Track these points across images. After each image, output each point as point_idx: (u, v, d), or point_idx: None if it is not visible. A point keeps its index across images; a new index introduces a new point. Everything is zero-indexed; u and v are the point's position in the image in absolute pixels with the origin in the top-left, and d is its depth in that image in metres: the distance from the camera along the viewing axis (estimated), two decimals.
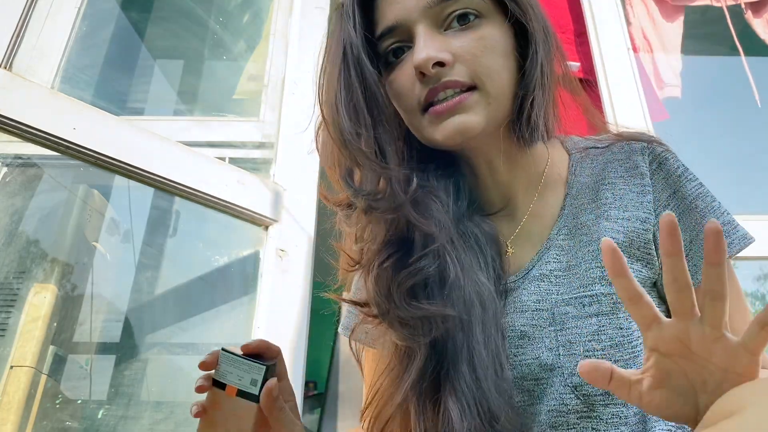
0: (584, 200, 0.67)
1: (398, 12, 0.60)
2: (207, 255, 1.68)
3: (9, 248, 1.38)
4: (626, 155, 0.68)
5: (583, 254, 0.63)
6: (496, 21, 0.61)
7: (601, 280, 0.61)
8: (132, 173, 1.25)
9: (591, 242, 0.63)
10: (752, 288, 2.07)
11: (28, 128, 1.12)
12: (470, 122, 0.59)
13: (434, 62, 0.58)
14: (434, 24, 0.60)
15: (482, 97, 0.60)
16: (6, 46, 1.17)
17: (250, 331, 1.33)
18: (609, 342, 0.59)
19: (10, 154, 1.42)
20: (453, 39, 0.59)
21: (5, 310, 1.35)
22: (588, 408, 0.59)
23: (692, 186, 0.65)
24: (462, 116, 0.59)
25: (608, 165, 0.68)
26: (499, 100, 0.61)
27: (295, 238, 1.44)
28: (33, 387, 1.29)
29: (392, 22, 0.61)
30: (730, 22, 2.01)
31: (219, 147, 1.64)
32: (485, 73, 0.59)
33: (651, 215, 0.64)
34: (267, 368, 0.55)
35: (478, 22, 0.60)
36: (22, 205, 1.44)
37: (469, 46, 0.59)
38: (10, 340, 1.32)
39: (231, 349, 0.56)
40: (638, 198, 0.65)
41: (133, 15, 1.99)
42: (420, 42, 0.59)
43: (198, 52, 2.03)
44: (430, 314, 0.59)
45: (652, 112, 1.73)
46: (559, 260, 0.65)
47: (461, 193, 0.68)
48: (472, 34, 0.60)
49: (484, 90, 0.59)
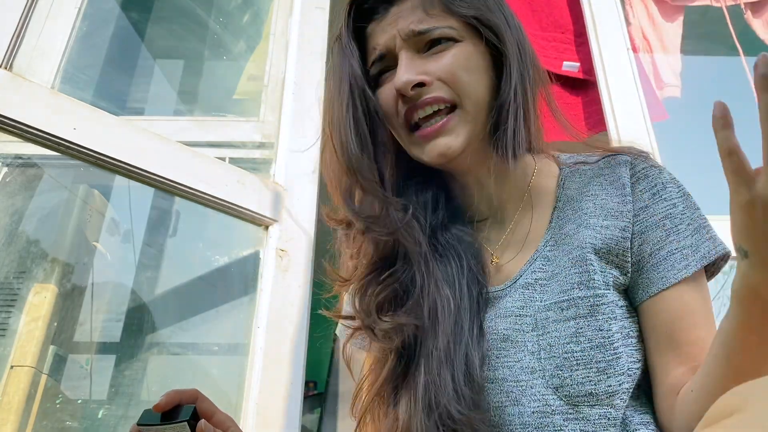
0: (569, 212, 0.71)
1: (386, 41, 0.69)
2: (207, 255, 1.68)
3: (9, 248, 1.38)
4: (611, 168, 0.71)
5: (565, 262, 0.66)
6: (471, 42, 0.68)
7: (579, 285, 0.64)
8: (132, 173, 1.25)
9: (572, 250, 0.66)
10: None
11: (28, 128, 1.12)
12: (452, 144, 0.65)
13: (413, 84, 0.65)
14: (415, 50, 0.67)
15: (462, 116, 0.66)
16: (6, 46, 1.17)
17: (250, 331, 1.33)
18: (588, 343, 0.61)
19: (10, 154, 1.42)
20: (431, 61, 0.67)
21: (5, 310, 1.35)
22: (572, 409, 0.60)
23: (664, 205, 0.67)
24: (444, 138, 0.66)
25: (593, 179, 0.72)
26: (477, 116, 0.67)
27: (295, 238, 1.44)
28: (33, 387, 1.30)
29: (382, 50, 0.69)
30: (729, 22, 2.01)
31: (219, 147, 1.64)
32: (462, 89, 0.66)
33: (630, 224, 0.67)
34: (188, 422, 0.54)
35: (453, 45, 0.67)
36: (22, 205, 1.44)
37: (445, 65, 0.66)
38: (11, 340, 1.32)
39: (149, 415, 0.57)
40: (618, 207, 0.68)
41: (133, 15, 1.99)
42: (402, 67, 0.66)
43: (198, 52, 2.03)
44: (395, 325, 0.65)
45: (651, 112, 1.73)
46: (544, 270, 0.68)
47: (439, 204, 0.74)
48: (447, 55, 0.66)
49: (463, 108, 0.66)
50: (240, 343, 1.38)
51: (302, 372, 1.32)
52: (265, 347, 1.30)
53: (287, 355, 1.31)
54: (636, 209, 0.68)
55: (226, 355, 1.60)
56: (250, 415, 1.23)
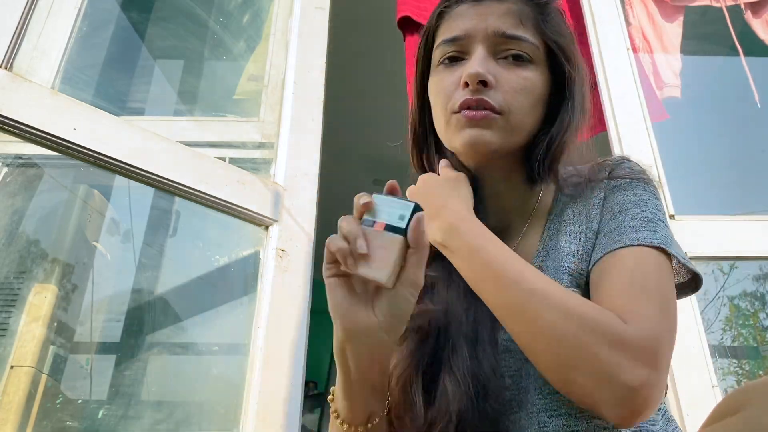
0: (557, 222, 0.74)
1: (468, 27, 0.71)
2: (207, 255, 1.68)
3: (9, 248, 1.38)
4: (594, 175, 0.74)
5: (549, 270, 0.69)
6: (542, 69, 0.71)
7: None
8: (132, 173, 1.25)
9: (557, 258, 0.69)
10: (752, 288, 2.07)
11: (28, 128, 1.12)
12: (486, 138, 0.67)
13: (481, 79, 0.67)
14: (491, 51, 0.70)
15: (504, 122, 0.68)
16: (6, 46, 1.17)
17: (250, 331, 1.33)
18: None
19: (10, 154, 1.42)
20: (502, 69, 0.69)
21: (5, 310, 1.35)
22: (576, 410, 0.61)
23: (623, 195, 0.69)
24: (481, 131, 0.67)
25: (577, 189, 0.74)
26: (517, 132, 0.69)
27: (295, 238, 1.44)
28: (33, 387, 1.29)
29: (460, 33, 0.71)
30: (729, 22, 2.01)
31: (219, 147, 1.64)
32: (515, 108, 0.68)
33: (599, 222, 0.69)
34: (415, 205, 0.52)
35: (527, 65, 0.70)
36: (22, 205, 1.44)
37: (512, 80, 0.68)
38: (11, 340, 1.32)
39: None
40: (593, 211, 0.70)
41: (133, 15, 1.99)
42: (476, 59, 0.68)
43: (198, 52, 2.03)
44: (432, 310, 0.67)
45: (651, 112, 1.73)
46: None
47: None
48: (518, 71, 0.69)
49: (507, 118, 0.68)
50: (240, 343, 1.38)
51: (302, 372, 1.31)
52: (265, 347, 1.29)
53: (287, 355, 1.31)
54: (603, 204, 0.71)
55: (226, 355, 1.59)
56: (250, 415, 1.23)
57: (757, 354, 2.08)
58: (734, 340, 2.09)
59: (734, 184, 2.12)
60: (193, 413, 1.48)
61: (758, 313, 2.15)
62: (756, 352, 2.10)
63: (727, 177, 2.11)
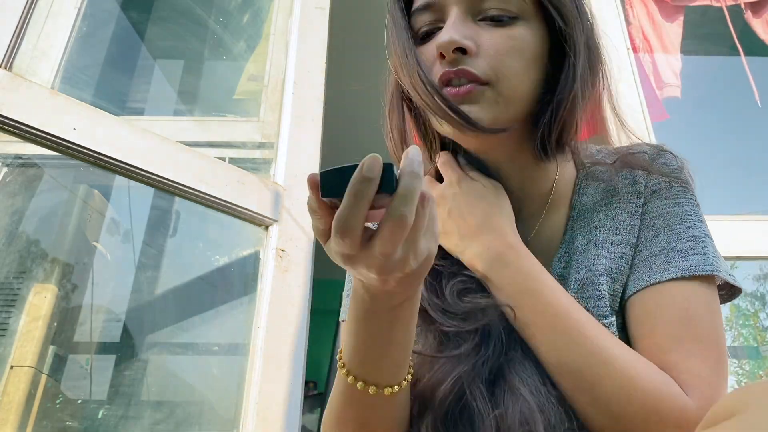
0: (581, 223, 0.65)
1: None
2: (207, 255, 1.68)
3: (9, 248, 1.38)
4: (630, 180, 0.65)
5: (573, 284, 0.62)
6: (533, 24, 0.59)
7: (585, 310, 0.59)
8: (132, 173, 1.25)
9: (580, 270, 0.62)
10: (752, 288, 2.07)
11: (28, 128, 1.12)
12: (474, 115, 0.57)
13: (456, 47, 0.56)
14: (469, 11, 0.59)
15: (492, 94, 0.57)
16: (6, 46, 1.17)
17: (250, 331, 1.33)
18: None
19: (10, 154, 1.42)
20: (483, 31, 0.58)
21: (5, 310, 1.35)
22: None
23: (660, 204, 0.63)
24: (468, 107, 0.57)
25: (608, 184, 0.66)
26: (511, 101, 0.58)
27: (295, 238, 1.44)
28: (33, 387, 1.29)
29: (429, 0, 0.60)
30: (730, 22, 2.01)
31: (219, 147, 1.65)
32: (503, 73, 0.57)
33: (635, 238, 0.62)
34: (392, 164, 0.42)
35: (513, 22, 0.58)
36: (22, 205, 1.44)
37: (496, 42, 0.57)
38: (11, 340, 1.32)
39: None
40: (630, 220, 0.63)
41: (133, 15, 1.99)
42: (449, 24, 0.58)
43: (198, 52, 2.03)
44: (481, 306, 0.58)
45: (652, 112, 1.73)
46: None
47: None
48: (503, 31, 0.58)
49: (496, 88, 0.57)
50: (240, 343, 1.38)
51: (302, 372, 1.31)
52: (265, 347, 1.29)
53: (287, 355, 1.31)
54: (642, 214, 0.63)
55: (226, 355, 1.59)
56: (250, 415, 1.23)
57: (757, 354, 2.08)
58: (734, 340, 2.09)
59: (734, 184, 2.12)
60: (193, 413, 1.48)
61: (758, 313, 2.15)
62: (756, 352, 2.10)
63: (727, 177, 2.11)
